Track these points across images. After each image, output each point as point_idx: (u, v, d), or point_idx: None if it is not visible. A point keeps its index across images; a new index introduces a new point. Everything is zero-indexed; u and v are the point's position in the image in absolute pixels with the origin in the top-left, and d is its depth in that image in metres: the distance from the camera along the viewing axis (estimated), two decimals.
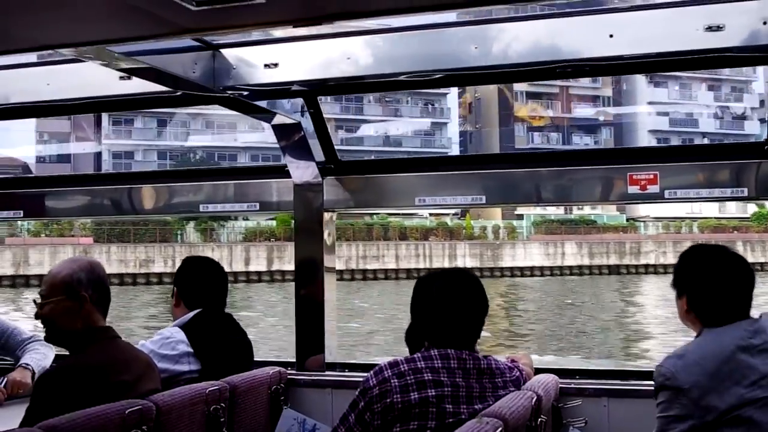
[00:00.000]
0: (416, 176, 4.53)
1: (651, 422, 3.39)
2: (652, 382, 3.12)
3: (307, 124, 4.42)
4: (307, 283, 4.59)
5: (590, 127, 72.91)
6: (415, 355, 3.11)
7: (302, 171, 4.60)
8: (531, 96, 72.12)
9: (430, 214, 56.29)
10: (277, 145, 4.53)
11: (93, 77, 4.06)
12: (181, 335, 3.79)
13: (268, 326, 27.37)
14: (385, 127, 68.87)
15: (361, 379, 3.15)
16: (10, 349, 4.44)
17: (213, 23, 2.53)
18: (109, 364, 3.15)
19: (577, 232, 58.76)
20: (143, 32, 2.67)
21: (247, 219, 51.15)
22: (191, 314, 3.91)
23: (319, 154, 4.55)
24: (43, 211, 5.55)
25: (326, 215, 4.61)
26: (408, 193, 4.54)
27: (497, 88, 66.82)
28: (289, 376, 4.30)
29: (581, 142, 71.17)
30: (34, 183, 5.67)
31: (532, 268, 54.67)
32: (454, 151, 68.51)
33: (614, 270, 55.79)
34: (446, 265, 51.15)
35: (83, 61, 3.69)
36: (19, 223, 45.43)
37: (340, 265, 48.64)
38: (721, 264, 3.07)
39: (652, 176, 4.13)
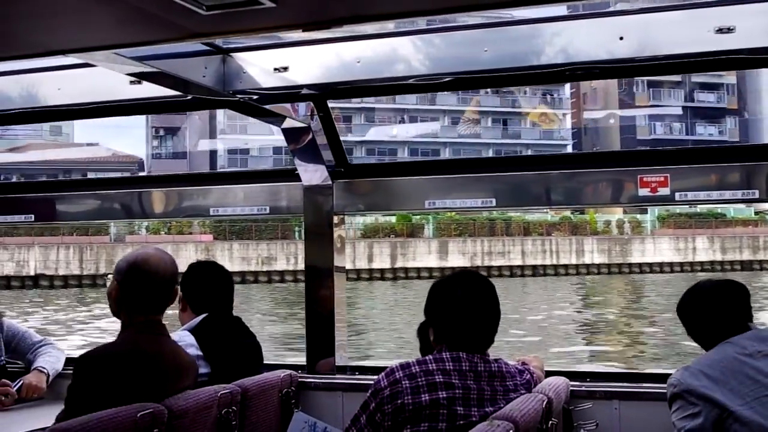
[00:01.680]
0: (426, 179, 4.53)
1: (662, 425, 3.41)
2: (663, 385, 3.25)
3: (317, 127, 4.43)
4: (318, 286, 4.59)
5: (714, 116, 68.92)
6: (427, 357, 3.11)
7: (312, 174, 4.60)
8: (651, 84, 68.48)
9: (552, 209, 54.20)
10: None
11: (103, 82, 4.08)
12: (190, 339, 3.80)
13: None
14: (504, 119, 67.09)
15: (371, 382, 3.16)
16: (21, 353, 4.46)
17: (223, 27, 2.53)
18: (127, 354, 3.16)
19: (707, 226, 55.09)
20: (154, 36, 2.69)
21: (364, 215, 49.79)
22: (200, 318, 3.92)
23: (329, 158, 4.55)
24: (54, 214, 5.57)
25: (336, 218, 4.61)
26: (418, 195, 4.54)
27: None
28: (300, 379, 4.30)
29: (705, 132, 68.08)
30: (44, 187, 5.69)
31: (661, 264, 52.08)
32: (569, 145, 66.48)
33: (747, 266, 52.51)
34: (574, 261, 50.51)
35: (94, 66, 3.71)
36: (137, 221, 44.29)
37: (464, 262, 47.76)
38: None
39: (662, 178, 4.12)
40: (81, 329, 24.81)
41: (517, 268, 49.83)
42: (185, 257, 44.51)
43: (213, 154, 62.96)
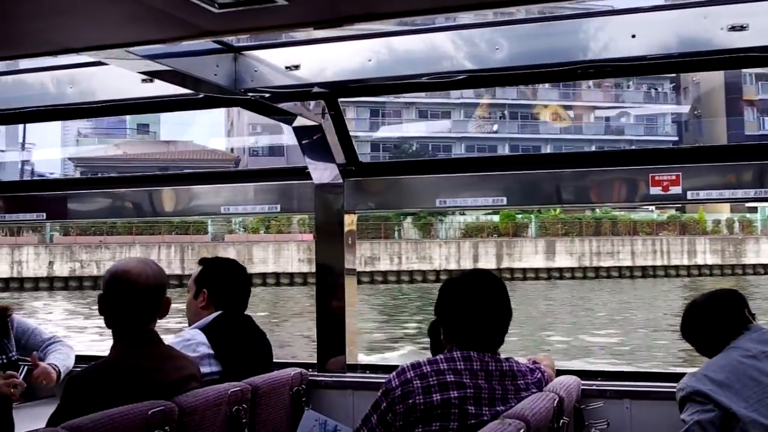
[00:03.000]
0: (437, 178, 4.53)
1: (673, 424, 3.41)
2: (674, 384, 3.29)
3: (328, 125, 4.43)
4: (328, 284, 4.60)
5: None
6: (438, 357, 3.10)
7: (323, 172, 4.60)
8: (761, 77, 64.76)
9: (657, 208, 50.47)
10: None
11: (115, 80, 4.09)
12: (201, 337, 3.80)
13: None
14: (607, 114, 64.93)
15: (382, 381, 3.16)
16: (31, 350, 4.47)
17: (235, 25, 2.54)
18: (118, 370, 3.16)
19: None
20: (166, 35, 2.69)
21: (464, 213, 48.65)
22: (212, 316, 3.92)
23: (339, 156, 4.55)
24: (66, 212, 5.59)
25: (347, 217, 4.61)
26: (429, 194, 4.53)
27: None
28: (310, 378, 4.31)
29: None
30: (57, 186, 5.71)
31: None
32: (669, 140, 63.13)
33: None
34: (685, 262, 48.79)
35: (106, 64, 3.72)
36: (235, 219, 44.25)
37: (571, 262, 47.32)
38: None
39: (674, 177, 4.10)
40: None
41: (626, 269, 48.17)
42: (287, 257, 44.37)
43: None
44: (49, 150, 63.75)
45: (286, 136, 58.32)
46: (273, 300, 36.53)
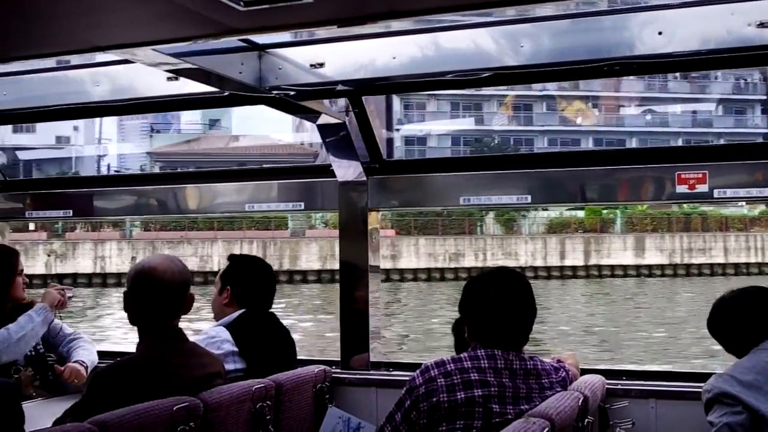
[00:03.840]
0: (461, 175, 4.52)
1: (699, 425, 3.38)
2: (700, 384, 3.27)
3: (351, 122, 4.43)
4: (352, 281, 4.60)
5: None
6: (462, 355, 3.10)
7: (347, 170, 4.60)
8: None
9: (747, 203, 49.53)
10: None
11: (141, 78, 4.11)
12: (226, 334, 3.82)
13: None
14: (695, 107, 62.25)
15: (406, 378, 3.16)
16: (54, 345, 4.51)
17: (260, 23, 2.54)
18: (144, 366, 3.19)
19: None
20: (192, 33, 2.70)
21: (546, 209, 46.56)
22: (236, 314, 3.95)
23: (363, 154, 4.56)
24: (92, 210, 5.63)
25: (371, 214, 4.61)
26: (453, 192, 4.52)
27: None
28: (334, 375, 4.31)
29: None
30: (83, 183, 5.75)
31: None
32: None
33: None
34: None
35: (131, 63, 3.74)
36: (314, 215, 43.17)
37: (661, 259, 45.61)
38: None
39: (700, 175, 4.07)
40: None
41: (719, 266, 45.97)
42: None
43: (390, 143, 60.77)
44: (124, 145, 63.79)
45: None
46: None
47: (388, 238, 43.65)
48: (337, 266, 4.71)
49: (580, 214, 47.13)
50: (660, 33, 3.37)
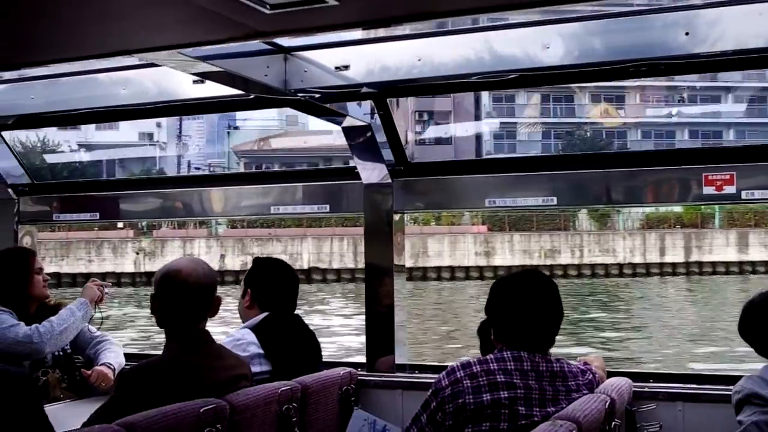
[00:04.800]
0: (486, 177, 4.50)
1: (727, 428, 3.35)
2: (728, 387, 3.25)
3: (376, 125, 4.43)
4: (377, 284, 4.60)
5: None
6: (488, 357, 3.09)
7: (371, 172, 4.61)
8: None
9: None
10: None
11: (167, 82, 4.14)
12: (251, 337, 3.84)
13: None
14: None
15: (431, 381, 3.16)
16: (81, 347, 4.54)
17: (286, 26, 2.55)
18: (169, 368, 3.20)
19: None
20: (217, 36, 2.72)
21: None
22: (261, 316, 3.96)
23: (388, 156, 4.56)
24: (118, 212, 5.67)
25: (396, 217, 4.61)
26: (478, 194, 4.51)
27: None
28: (359, 377, 4.31)
29: None
30: (110, 185, 5.79)
31: None
32: None
33: None
34: None
35: (158, 66, 3.77)
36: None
37: (766, 256, 43.58)
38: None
39: (728, 177, 4.03)
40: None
41: None
42: (463, 249, 42.53)
43: (478, 139, 58.36)
44: (208, 142, 64.08)
45: (453, 126, 56.13)
46: (442, 299, 34.60)
47: (481, 234, 43.15)
48: (429, 264, 4.71)
49: (678, 209, 45.35)
50: (687, 33, 3.35)
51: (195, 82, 3.90)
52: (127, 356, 4.61)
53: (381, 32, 3.86)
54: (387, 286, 4.57)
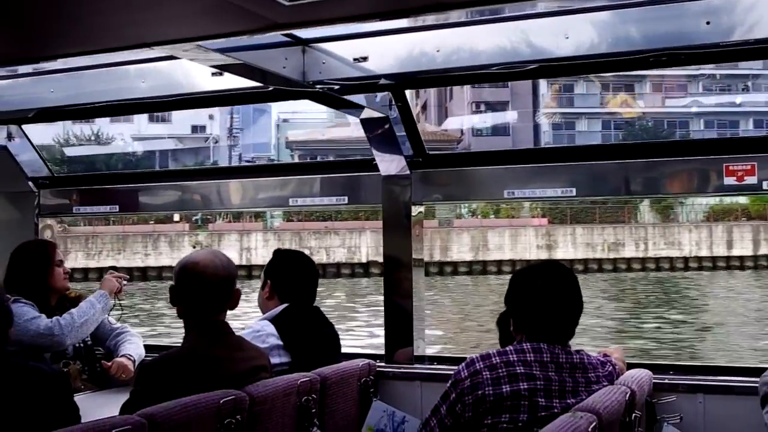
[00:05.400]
0: (505, 169, 4.49)
1: (749, 420, 3.34)
2: (750, 379, 3.21)
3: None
4: (396, 276, 4.60)
5: None
6: (507, 348, 3.09)
7: (389, 164, 4.60)
8: None
9: None
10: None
11: (185, 74, 4.15)
12: (271, 328, 3.85)
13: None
14: None
15: (450, 372, 3.15)
16: (101, 338, 4.57)
17: (305, 17, 2.55)
18: (187, 359, 3.22)
19: None
20: (237, 28, 2.72)
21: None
22: (280, 308, 3.97)
23: (406, 148, 4.55)
24: (137, 205, 5.70)
25: (414, 208, 4.61)
26: (497, 185, 4.50)
27: None
28: (378, 369, 4.32)
29: None
30: (129, 178, 5.82)
31: None
32: None
33: None
34: None
35: (177, 59, 3.77)
36: (460, 204, 39.37)
37: None
38: None
39: (749, 167, 4.00)
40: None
41: None
42: (524, 243, 41.36)
43: (536, 129, 56.11)
44: (256, 135, 64.01)
45: (511, 113, 54.51)
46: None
47: (542, 227, 42.19)
48: (489, 257, 4.69)
49: (743, 200, 44.01)
50: (708, 23, 3.32)
51: (214, 74, 3.90)
52: (147, 347, 4.63)
53: (399, 23, 3.84)
54: (405, 277, 4.57)
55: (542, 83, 53.71)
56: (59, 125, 50.41)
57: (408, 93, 4.36)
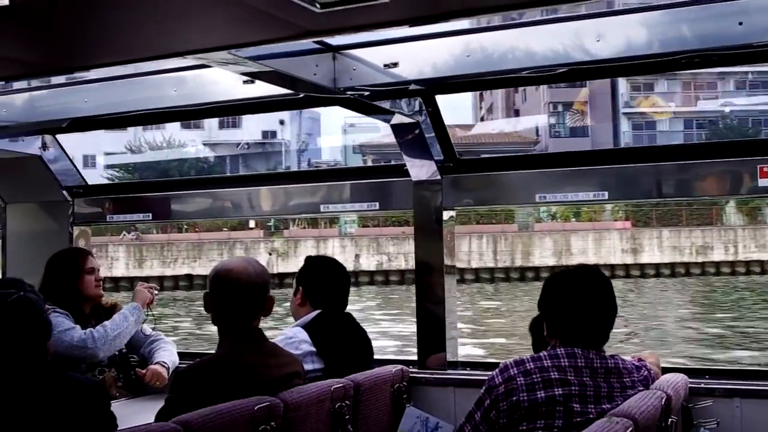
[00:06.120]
0: (536, 173, 4.47)
1: None
2: None
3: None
4: (428, 281, 4.60)
5: None
6: (541, 354, 3.07)
7: (420, 169, 4.60)
8: None
9: None
10: None
11: (217, 82, 4.17)
12: (303, 335, 3.86)
13: None
14: None
15: (484, 378, 3.15)
16: (135, 346, 4.59)
17: (336, 24, 2.56)
18: (221, 366, 3.24)
19: None
20: (268, 36, 2.73)
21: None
22: (313, 314, 3.98)
23: (437, 153, 4.55)
24: (169, 213, 5.74)
25: (446, 213, 4.60)
26: (528, 189, 4.48)
27: None
28: (411, 375, 4.31)
29: None
30: (161, 186, 5.86)
31: None
32: None
33: None
34: None
35: (208, 67, 3.80)
36: (539, 207, 38.60)
37: None
38: None
39: None
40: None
41: None
42: (608, 247, 40.24)
43: (616, 129, 54.30)
44: (327, 138, 64.11)
45: (589, 116, 52.80)
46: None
47: (627, 230, 40.98)
48: (572, 261, 4.67)
49: None
50: (740, 23, 3.29)
51: (245, 82, 3.92)
52: (181, 355, 4.66)
53: (429, 29, 3.84)
54: (437, 282, 4.56)
55: (621, 81, 52.10)
56: (130, 132, 50.82)
57: (470, 96, 4.37)
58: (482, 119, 62.12)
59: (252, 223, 41.19)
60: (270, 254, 39.89)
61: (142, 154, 54.25)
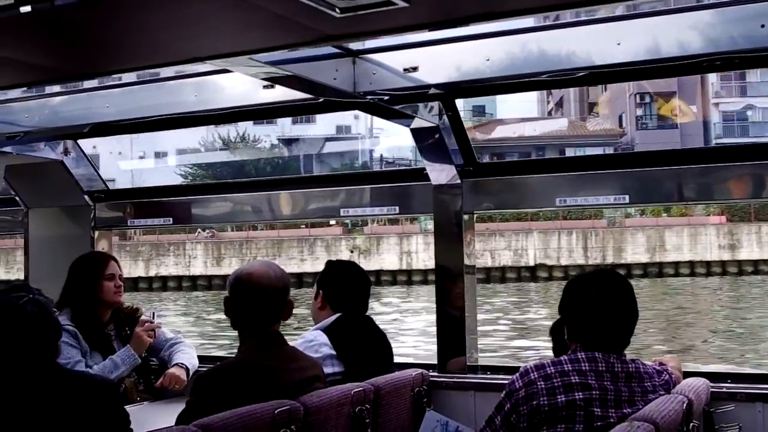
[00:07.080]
0: (556, 177, 4.46)
1: None
2: None
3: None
4: (448, 285, 4.59)
5: None
6: (562, 358, 3.06)
7: (440, 173, 4.60)
8: None
9: None
10: None
11: (237, 87, 4.19)
12: (323, 338, 3.87)
13: None
14: None
15: (504, 382, 3.14)
16: (156, 349, 4.59)
17: (355, 29, 2.57)
18: (242, 370, 3.24)
19: None
20: (288, 41, 2.74)
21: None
22: (333, 318, 3.99)
23: (457, 157, 4.55)
24: (189, 217, 5.77)
25: (466, 217, 4.60)
26: (548, 193, 4.47)
27: None
28: (431, 378, 4.31)
29: None
30: (181, 191, 5.90)
31: None
32: None
33: None
34: None
35: (229, 72, 3.81)
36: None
37: None
38: None
39: None
40: None
41: None
42: (704, 243, 38.35)
43: (706, 123, 50.76)
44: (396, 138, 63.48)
45: (677, 107, 49.36)
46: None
47: (723, 225, 39.50)
48: (666, 259, 4.60)
49: None
50: (763, 26, 3.27)
51: (265, 87, 3.94)
52: (201, 358, 4.68)
53: (448, 33, 3.84)
54: (458, 286, 4.56)
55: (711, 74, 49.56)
56: (200, 131, 50.51)
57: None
58: (550, 113, 60.70)
59: (332, 221, 40.47)
60: (351, 252, 38.86)
61: (215, 151, 53.43)
